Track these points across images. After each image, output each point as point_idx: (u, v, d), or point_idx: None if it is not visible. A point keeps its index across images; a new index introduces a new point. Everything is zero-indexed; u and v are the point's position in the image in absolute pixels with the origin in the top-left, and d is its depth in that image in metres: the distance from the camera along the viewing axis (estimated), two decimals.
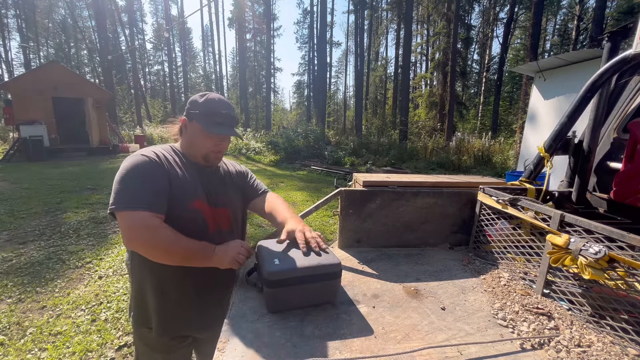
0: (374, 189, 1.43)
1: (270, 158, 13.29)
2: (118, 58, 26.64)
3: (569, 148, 1.50)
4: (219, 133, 1.07)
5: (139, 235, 0.90)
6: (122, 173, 0.96)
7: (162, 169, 1.01)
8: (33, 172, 8.38)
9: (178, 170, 1.05)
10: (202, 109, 1.06)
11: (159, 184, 0.98)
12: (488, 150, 12.20)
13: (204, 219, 1.08)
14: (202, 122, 1.05)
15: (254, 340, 0.78)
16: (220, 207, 1.14)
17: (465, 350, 0.78)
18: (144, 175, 0.96)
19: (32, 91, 11.47)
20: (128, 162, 0.98)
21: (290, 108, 56.61)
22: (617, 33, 1.43)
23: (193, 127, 1.08)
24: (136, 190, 0.93)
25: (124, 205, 0.91)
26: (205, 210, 1.08)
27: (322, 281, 0.91)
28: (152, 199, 0.94)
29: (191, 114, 1.08)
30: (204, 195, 1.09)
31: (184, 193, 1.03)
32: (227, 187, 1.20)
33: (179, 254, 0.94)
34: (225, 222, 1.16)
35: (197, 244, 0.95)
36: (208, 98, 1.08)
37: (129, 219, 0.90)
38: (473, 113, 26.17)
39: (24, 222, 4.51)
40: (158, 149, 1.08)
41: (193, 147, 1.10)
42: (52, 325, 2.35)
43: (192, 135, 1.09)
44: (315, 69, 31.22)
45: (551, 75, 6.33)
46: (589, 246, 0.86)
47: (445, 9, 19.10)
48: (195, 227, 1.05)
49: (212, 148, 1.09)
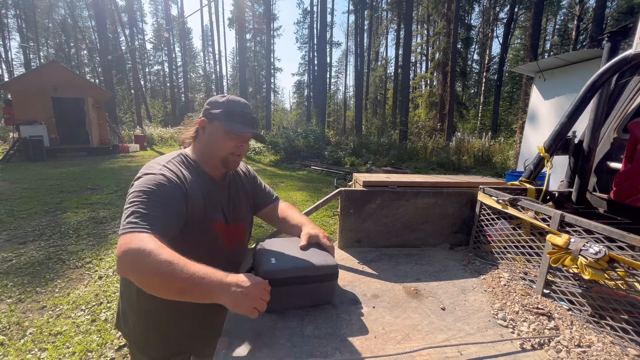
0: (374, 189, 1.43)
1: (270, 158, 13.29)
2: (118, 58, 26.66)
3: (569, 148, 1.50)
4: (243, 131, 1.02)
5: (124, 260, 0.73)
6: (138, 191, 0.85)
7: (181, 190, 0.92)
8: (33, 172, 8.38)
9: (198, 191, 0.98)
10: (224, 109, 1.02)
11: (178, 208, 0.89)
12: (488, 150, 12.21)
13: (221, 238, 1.05)
14: (224, 121, 1.00)
15: (254, 340, 0.78)
16: (237, 222, 1.11)
17: (465, 351, 0.78)
18: (163, 198, 0.86)
19: (32, 91, 11.47)
20: (145, 180, 0.88)
21: (290, 108, 56.63)
22: (617, 33, 1.43)
23: (213, 128, 1.02)
24: (136, 211, 0.80)
25: (123, 228, 0.78)
26: (223, 229, 1.05)
27: (319, 282, 0.91)
28: (168, 225, 0.84)
29: (212, 114, 1.02)
30: (222, 215, 1.05)
31: (205, 216, 0.99)
32: (241, 199, 1.16)
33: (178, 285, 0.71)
34: (241, 235, 1.14)
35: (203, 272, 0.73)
36: (229, 99, 1.04)
37: (123, 243, 0.75)
38: (473, 113, 26.18)
39: (24, 222, 4.51)
40: (175, 166, 0.98)
41: (212, 149, 1.04)
42: (52, 325, 2.35)
43: (211, 136, 1.03)
44: (315, 69, 31.25)
45: (551, 75, 6.33)
46: (589, 246, 0.86)
47: (445, 9, 19.10)
48: (212, 247, 1.02)
49: (232, 150, 1.03)
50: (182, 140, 1.14)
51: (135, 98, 26.84)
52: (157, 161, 0.99)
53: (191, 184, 0.97)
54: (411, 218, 1.47)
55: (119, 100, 28.67)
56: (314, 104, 29.05)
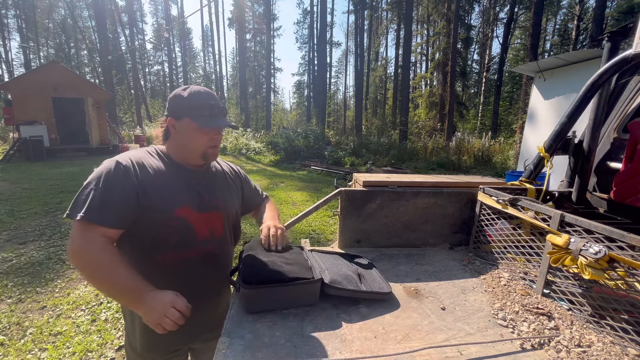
0: (374, 189, 1.43)
1: (270, 158, 13.29)
2: (118, 58, 26.64)
3: (569, 148, 1.50)
4: (217, 126, 1.00)
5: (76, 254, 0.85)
6: (88, 179, 0.92)
7: (131, 178, 0.93)
8: (33, 172, 8.38)
9: (156, 178, 0.97)
10: (190, 104, 0.98)
11: (121, 195, 0.90)
12: (488, 150, 12.21)
13: (190, 226, 1.01)
14: (194, 117, 0.97)
15: (254, 340, 0.78)
16: (213, 211, 1.07)
17: (465, 350, 0.78)
18: (106, 184, 0.90)
19: (32, 91, 11.46)
20: (99, 167, 0.94)
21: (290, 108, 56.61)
22: (617, 33, 1.43)
23: (184, 126, 0.99)
24: (93, 200, 0.87)
25: (75, 214, 0.86)
26: (192, 217, 1.01)
27: (300, 284, 0.91)
28: (108, 212, 0.88)
29: (179, 112, 0.99)
30: (190, 201, 1.01)
31: (163, 201, 0.96)
32: (222, 189, 1.13)
33: (104, 286, 0.87)
34: (219, 226, 1.09)
35: (130, 283, 0.83)
36: (193, 91, 1.00)
37: (73, 229, 0.86)
38: (473, 113, 26.18)
39: (24, 222, 4.51)
40: (136, 154, 1.00)
41: (187, 147, 1.02)
42: (52, 326, 2.35)
43: (184, 134, 1.00)
44: (315, 69, 31.23)
45: (551, 75, 6.33)
46: (589, 246, 0.86)
47: (445, 9, 19.10)
48: (180, 235, 0.99)
49: (209, 144, 1.02)
50: (150, 136, 1.16)
51: (135, 98, 26.82)
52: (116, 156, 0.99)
53: (150, 171, 0.98)
54: (411, 218, 1.47)
55: (119, 100, 28.63)
56: (314, 104, 29.05)
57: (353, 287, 0.95)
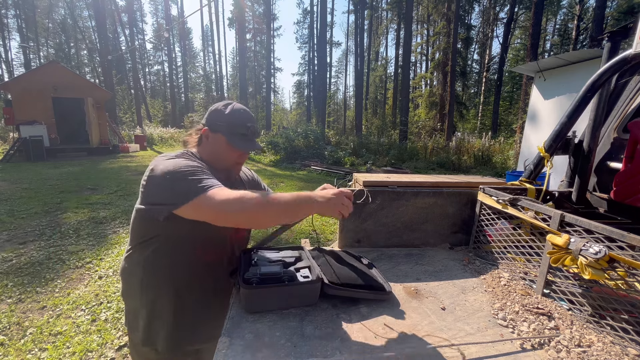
0: (374, 189, 1.43)
1: (270, 158, 13.29)
2: (118, 58, 26.65)
3: (569, 148, 1.50)
4: (246, 149, 1.05)
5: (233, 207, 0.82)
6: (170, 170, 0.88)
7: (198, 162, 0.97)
8: (33, 172, 8.38)
9: None
10: (227, 121, 1.03)
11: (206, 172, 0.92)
12: (488, 150, 12.22)
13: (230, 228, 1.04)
14: (227, 135, 1.02)
15: (254, 340, 0.78)
16: None
17: (465, 350, 0.78)
18: (190, 168, 0.91)
19: (32, 91, 11.47)
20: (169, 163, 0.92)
21: (290, 108, 56.63)
22: (617, 33, 1.43)
23: (217, 139, 1.05)
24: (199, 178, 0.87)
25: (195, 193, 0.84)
26: None
27: (300, 284, 0.92)
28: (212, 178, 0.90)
29: (215, 126, 1.04)
30: None
31: None
32: None
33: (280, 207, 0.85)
34: (246, 230, 1.19)
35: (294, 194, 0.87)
36: (234, 109, 1.05)
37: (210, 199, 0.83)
38: (473, 113, 26.20)
39: (24, 222, 4.51)
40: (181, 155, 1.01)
41: (216, 158, 1.07)
42: (52, 326, 2.35)
43: (215, 147, 1.06)
44: (315, 69, 31.25)
45: (551, 75, 6.33)
46: (589, 246, 0.86)
47: (445, 9, 19.11)
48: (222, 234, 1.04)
49: (236, 160, 1.09)
50: (185, 141, 1.16)
51: (135, 98, 26.84)
52: (166, 155, 0.99)
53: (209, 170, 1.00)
54: (411, 218, 1.47)
55: (119, 100, 28.64)
56: (314, 104, 29.03)
57: (353, 287, 0.96)
